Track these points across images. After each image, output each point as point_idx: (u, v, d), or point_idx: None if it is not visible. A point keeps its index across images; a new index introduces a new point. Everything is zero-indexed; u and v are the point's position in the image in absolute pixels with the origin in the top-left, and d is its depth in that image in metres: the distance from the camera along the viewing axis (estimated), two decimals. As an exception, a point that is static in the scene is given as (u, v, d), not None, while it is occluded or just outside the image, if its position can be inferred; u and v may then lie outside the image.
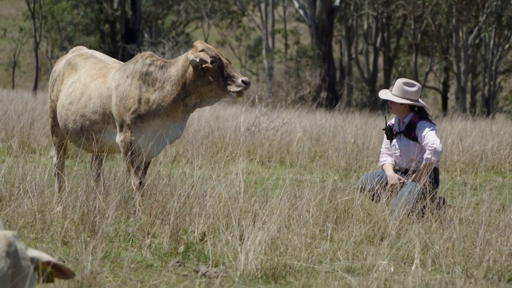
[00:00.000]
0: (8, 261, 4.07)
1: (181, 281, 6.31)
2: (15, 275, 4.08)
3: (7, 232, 4.15)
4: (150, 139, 8.31)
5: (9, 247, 4.09)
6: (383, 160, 9.12)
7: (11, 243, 4.11)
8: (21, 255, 4.12)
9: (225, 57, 8.33)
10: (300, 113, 20.77)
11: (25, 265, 4.13)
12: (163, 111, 8.25)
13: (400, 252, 6.88)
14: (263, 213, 7.20)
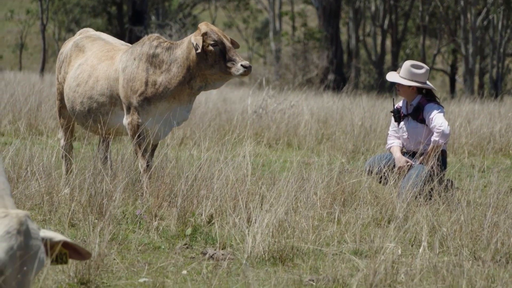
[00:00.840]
0: (19, 239, 4.09)
1: (189, 263, 6.32)
2: (25, 254, 4.10)
3: (19, 211, 4.17)
4: (157, 121, 8.31)
5: (20, 226, 4.12)
6: (391, 142, 9.11)
7: (23, 222, 4.13)
8: (32, 235, 4.15)
9: (230, 40, 8.30)
10: (308, 95, 20.74)
11: (36, 245, 4.15)
12: (169, 93, 8.24)
13: (408, 234, 6.88)
14: (270, 195, 7.20)
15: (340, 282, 5.91)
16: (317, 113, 16.25)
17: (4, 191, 4.29)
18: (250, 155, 8.32)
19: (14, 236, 4.10)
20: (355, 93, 21.66)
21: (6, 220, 4.10)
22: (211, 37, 8.15)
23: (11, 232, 4.10)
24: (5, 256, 4.06)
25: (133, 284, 5.77)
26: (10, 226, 4.10)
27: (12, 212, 4.14)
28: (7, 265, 4.05)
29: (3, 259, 4.05)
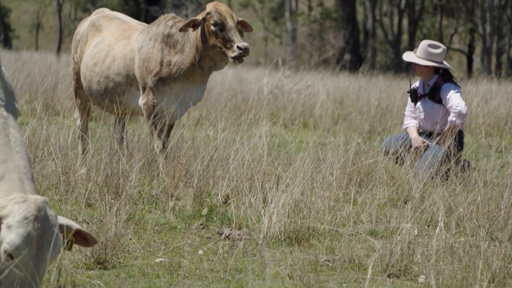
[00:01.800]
0: (36, 225, 4.11)
1: (205, 244, 6.33)
2: (42, 239, 4.12)
3: (37, 197, 4.19)
4: (172, 102, 8.31)
5: (38, 212, 4.13)
6: (407, 123, 9.07)
7: (41, 208, 4.14)
8: (49, 222, 4.16)
9: (240, 21, 8.25)
10: (324, 75, 20.68)
11: (52, 232, 4.17)
12: (182, 74, 8.24)
13: (424, 215, 6.86)
14: (286, 176, 7.19)
15: (356, 262, 5.91)
16: (333, 93, 16.21)
17: (25, 175, 4.31)
18: (266, 136, 8.31)
19: (31, 222, 4.12)
20: (371, 73, 21.59)
21: (24, 206, 4.12)
22: (212, 18, 8.14)
23: (29, 218, 4.12)
24: (21, 241, 4.09)
25: (149, 264, 5.79)
26: (27, 212, 4.12)
27: (30, 198, 4.16)
28: (22, 249, 4.07)
29: (19, 245, 4.07)
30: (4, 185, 4.24)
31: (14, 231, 4.08)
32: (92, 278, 5.38)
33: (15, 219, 4.09)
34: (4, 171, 4.27)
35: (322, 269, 5.82)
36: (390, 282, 5.54)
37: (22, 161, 4.32)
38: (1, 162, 4.28)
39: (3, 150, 4.31)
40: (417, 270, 5.69)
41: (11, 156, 4.30)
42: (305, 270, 5.76)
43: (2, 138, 4.33)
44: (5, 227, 4.10)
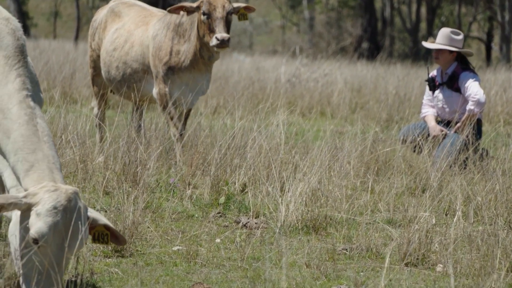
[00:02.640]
0: (64, 216, 4.15)
1: (222, 232, 6.34)
2: (69, 230, 4.15)
3: (69, 188, 4.22)
4: (183, 90, 8.35)
5: (68, 202, 4.16)
6: (425, 111, 9.04)
7: (71, 198, 4.17)
8: (78, 213, 4.19)
9: (228, 10, 8.20)
10: (341, 64, 20.63)
11: (80, 224, 4.19)
12: (189, 63, 8.29)
13: (442, 203, 6.84)
14: (303, 164, 7.18)
15: (374, 251, 5.90)
16: (351, 81, 16.17)
17: (54, 165, 4.34)
18: (284, 124, 8.30)
19: (60, 212, 4.15)
20: (389, 62, 21.51)
21: (55, 195, 4.15)
22: (202, 8, 8.17)
23: (58, 208, 4.14)
24: (48, 230, 4.12)
25: (167, 252, 5.80)
26: (57, 202, 4.15)
27: (62, 188, 4.19)
28: (50, 240, 4.11)
29: (46, 233, 4.11)
30: (34, 175, 4.28)
31: (42, 219, 4.12)
32: (110, 266, 5.40)
33: (45, 207, 4.13)
34: (33, 160, 4.30)
35: (339, 258, 5.82)
36: (407, 271, 5.53)
37: (50, 151, 4.36)
38: (30, 152, 4.32)
39: (31, 140, 4.35)
40: (435, 259, 5.67)
41: (39, 146, 4.34)
42: (322, 258, 5.76)
43: (30, 128, 4.37)
44: (34, 214, 4.15)
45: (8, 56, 4.48)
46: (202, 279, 5.24)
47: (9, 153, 4.34)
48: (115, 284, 5.07)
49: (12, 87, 4.43)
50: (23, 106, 4.40)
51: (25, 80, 4.47)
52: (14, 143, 4.34)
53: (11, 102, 4.40)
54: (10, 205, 4.13)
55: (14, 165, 4.32)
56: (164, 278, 5.25)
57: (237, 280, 5.22)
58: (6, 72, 4.45)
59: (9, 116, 4.38)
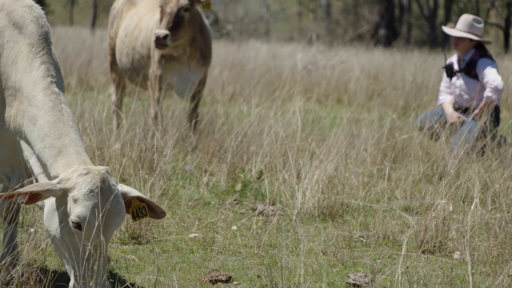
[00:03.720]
0: (102, 196, 4.18)
1: (238, 219, 6.34)
2: (107, 209, 4.19)
3: (100, 168, 4.25)
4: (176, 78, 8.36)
5: (102, 183, 4.21)
6: (442, 98, 8.99)
7: (105, 178, 4.21)
8: (113, 191, 4.23)
9: (177, 6, 8.16)
10: (358, 51, 20.55)
11: (117, 201, 4.24)
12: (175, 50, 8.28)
13: (459, 191, 6.81)
14: (320, 151, 7.17)
15: (391, 238, 5.89)
16: (368, 69, 16.10)
17: (81, 148, 4.38)
18: (300, 111, 8.29)
19: (97, 194, 4.19)
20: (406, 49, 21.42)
21: (89, 178, 4.19)
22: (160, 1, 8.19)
23: (94, 190, 4.19)
24: (89, 214, 4.17)
25: (183, 239, 5.81)
26: (93, 184, 4.19)
27: (93, 169, 4.23)
28: (91, 221, 4.16)
29: (87, 216, 4.15)
30: (63, 159, 4.31)
31: (82, 204, 4.16)
32: (127, 253, 5.41)
33: (81, 191, 4.17)
34: (61, 146, 4.33)
35: (356, 245, 5.81)
36: (424, 258, 5.51)
37: (76, 135, 4.39)
38: (57, 138, 4.34)
39: (57, 125, 4.37)
40: (452, 246, 5.65)
41: (66, 131, 4.37)
42: (339, 246, 5.75)
43: (55, 114, 4.40)
44: (72, 200, 4.20)
45: (32, 44, 4.51)
46: (218, 266, 5.25)
47: (35, 140, 4.37)
48: (132, 271, 5.08)
49: (37, 74, 4.46)
50: (47, 93, 4.43)
51: (49, 67, 4.49)
52: (40, 129, 4.37)
53: (36, 89, 4.43)
54: (47, 192, 4.18)
55: (40, 151, 4.35)
56: (180, 265, 5.26)
57: (254, 267, 5.22)
58: (30, 60, 4.48)
59: (34, 103, 4.41)
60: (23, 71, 4.47)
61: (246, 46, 22.62)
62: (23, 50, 4.50)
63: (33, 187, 4.20)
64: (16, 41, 4.52)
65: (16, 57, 4.49)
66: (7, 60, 4.49)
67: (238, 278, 5.02)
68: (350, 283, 4.96)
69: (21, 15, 4.56)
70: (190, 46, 8.34)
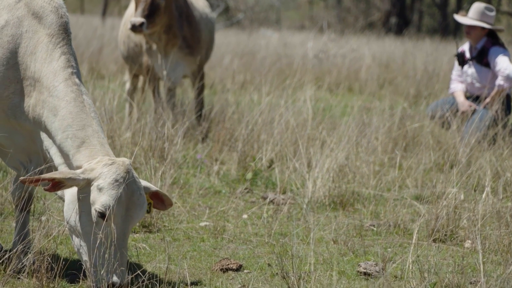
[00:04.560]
0: (125, 187, 4.21)
1: (249, 208, 6.34)
2: (130, 201, 4.23)
3: (124, 159, 4.29)
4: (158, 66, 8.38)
5: (127, 174, 4.25)
6: (454, 87, 8.97)
7: (129, 170, 4.25)
8: (136, 183, 4.28)
9: None
10: (369, 39, 20.50)
11: (140, 194, 4.27)
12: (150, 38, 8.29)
13: (471, 179, 6.79)
14: (331, 140, 7.16)
15: (401, 227, 5.88)
16: (379, 57, 16.06)
17: (104, 140, 4.40)
18: (311, 100, 8.27)
19: (121, 184, 4.24)
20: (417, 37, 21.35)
21: (114, 168, 4.22)
22: None
23: (119, 180, 4.23)
24: (113, 203, 4.20)
25: (194, 227, 5.81)
26: (117, 174, 4.22)
27: (118, 160, 4.26)
28: (116, 212, 4.18)
29: (112, 207, 4.16)
30: (86, 150, 4.33)
31: (106, 193, 4.20)
32: (138, 242, 5.42)
33: (106, 181, 4.20)
34: (83, 136, 4.35)
35: (366, 234, 5.80)
36: (435, 247, 5.51)
37: (98, 127, 4.41)
38: (80, 129, 4.36)
39: (80, 116, 4.39)
40: (463, 235, 5.64)
41: (88, 122, 4.38)
42: (350, 234, 5.75)
43: (77, 105, 4.41)
44: (96, 189, 4.22)
45: (52, 35, 4.52)
46: (229, 255, 5.25)
47: (56, 130, 4.38)
48: (143, 259, 5.09)
49: (57, 64, 4.47)
50: (69, 84, 4.44)
51: (69, 58, 4.51)
52: (62, 120, 4.38)
53: (57, 79, 4.44)
54: (69, 180, 4.20)
55: (62, 142, 4.36)
56: (191, 253, 5.26)
57: (264, 256, 5.22)
58: (50, 50, 4.49)
59: (55, 93, 4.42)
60: (43, 62, 4.48)
61: (257, 34, 22.59)
62: (42, 40, 4.51)
63: (56, 174, 4.23)
64: (35, 31, 4.53)
65: (35, 47, 4.50)
66: (25, 50, 4.50)
67: (249, 267, 5.03)
68: (360, 272, 4.95)
69: (41, 5, 4.56)
70: (165, 34, 8.33)
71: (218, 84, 12.58)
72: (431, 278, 4.55)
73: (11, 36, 4.51)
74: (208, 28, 8.82)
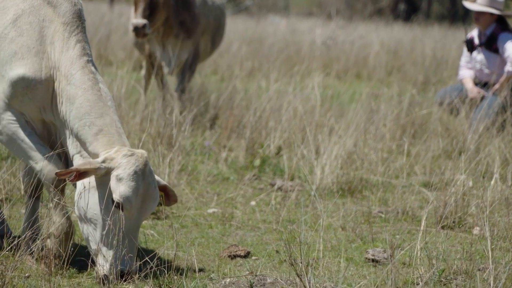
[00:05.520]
0: (144, 179, 4.25)
1: (257, 194, 6.34)
2: (146, 193, 4.24)
3: (143, 151, 4.32)
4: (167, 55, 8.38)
5: (145, 166, 4.28)
6: (463, 73, 8.94)
7: (147, 162, 4.28)
8: (152, 176, 4.31)
9: None
10: (378, 26, 20.44)
11: (154, 186, 4.30)
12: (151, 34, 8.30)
13: (479, 166, 6.78)
14: (339, 127, 7.15)
15: (410, 214, 5.87)
16: (387, 44, 16.01)
17: (121, 129, 4.42)
18: (319, 87, 8.25)
19: (140, 176, 4.27)
20: (426, 23, 21.28)
21: (133, 159, 4.25)
22: None
23: (138, 172, 4.26)
24: (132, 194, 4.24)
25: (202, 214, 5.82)
26: (137, 166, 4.25)
27: (137, 152, 4.30)
28: (134, 202, 4.21)
29: (130, 197, 4.22)
30: (103, 139, 4.34)
31: (126, 184, 4.23)
32: (146, 228, 5.43)
33: (126, 172, 4.23)
34: (101, 125, 4.36)
35: (375, 221, 5.80)
36: (444, 234, 5.50)
37: (115, 116, 4.43)
38: (98, 117, 4.37)
39: (98, 105, 4.40)
40: (471, 222, 5.63)
41: (106, 111, 4.40)
42: (358, 221, 5.75)
43: (95, 93, 4.43)
44: (115, 178, 4.24)
45: (66, 23, 4.53)
46: (237, 241, 5.26)
47: (73, 119, 4.39)
48: (151, 246, 5.10)
49: (73, 53, 4.48)
50: (85, 72, 4.45)
51: (84, 46, 4.52)
52: (79, 108, 4.38)
53: (74, 67, 4.46)
54: (96, 170, 4.22)
55: (79, 130, 4.37)
56: (199, 240, 5.27)
57: (272, 243, 5.23)
58: (66, 39, 4.50)
59: (72, 81, 4.43)
60: (60, 50, 4.50)
61: (265, 21, 22.54)
62: (58, 29, 4.52)
63: (86, 165, 4.25)
64: (51, 20, 4.54)
65: (53, 37, 4.52)
66: (45, 39, 4.52)
67: (257, 253, 5.03)
68: (368, 259, 4.95)
69: None
70: (163, 26, 8.35)
71: (226, 71, 12.57)
72: (439, 265, 4.54)
73: (29, 23, 4.52)
74: (214, 14, 8.79)
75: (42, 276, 4.30)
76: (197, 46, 8.61)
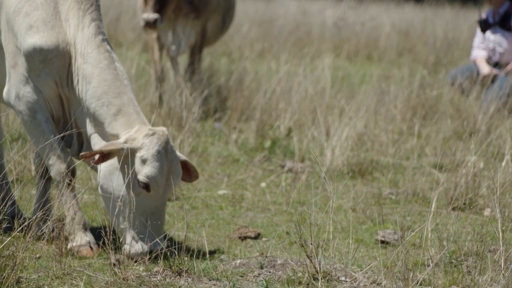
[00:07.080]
0: (168, 157, 4.28)
1: (267, 176, 6.34)
2: (170, 170, 4.26)
3: (163, 129, 4.32)
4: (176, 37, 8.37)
5: (167, 144, 4.29)
6: (476, 53, 8.89)
7: (169, 140, 4.29)
8: (174, 152, 4.32)
9: None
10: (389, 7, 20.34)
11: (177, 162, 4.30)
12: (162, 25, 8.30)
13: (490, 147, 6.75)
14: (349, 108, 7.13)
15: (420, 195, 5.86)
16: (398, 25, 15.94)
17: (138, 108, 4.41)
18: (329, 68, 8.23)
19: (164, 154, 4.28)
20: (437, 4, 21.16)
21: (155, 139, 4.25)
22: None
23: (161, 151, 4.27)
24: (157, 174, 4.26)
25: (212, 196, 5.82)
26: (159, 145, 4.26)
27: (158, 130, 4.30)
28: (159, 182, 4.22)
29: (156, 177, 4.23)
30: (122, 118, 4.33)
31: (151, 164, 4.24)
32: (156, 209, 5.43)
33: (150, 152, 4.24)
34: (120, 104, 4.35)
35: (385, 202, 5.79)
36: (454, 215, 5.49)
37: (132, 95, 4.42)
38: (115, 96, 4.35)
39: (115, 84, 4.38)
40: (482, 203, 5.62)
41: (123, 90, 4.38)
42: (368, 203, 5.74)
43: (111, 72, 4.40)
44: (139, 160, 4.26)
45: (80, 1, 4.49)
46: (247, 223, 5.26)
47: (90, 98, 4.37)
48: (161, 227, 5.10)
49: (88, 31, 4.46)
50: (101, 51, 4.43)
51: (99, 24, 4.49)
52: (96, 87, 4.36)
53: (90, 46, 4.43)
54: (120, 151, 4.23)
55: (97, 109, 4.35)
56: (209, 221, 5.27)
57: (282, 224, 5.23)
58: (80, 17, 4.47)
59: (89, 60, 4.40)
60: (76, 28, 4.47)
61: (275, 2, 22.47)
62: (73, 6, 4.48)
63: (110, 146, 4.25)
64: None
65: (68, 14, 4.49)
66: (60, 15, 4.48)
67: (267, 235, 5.03)
68: (379, 240, 4.95)
69: None
70: (172, 13, 8.33)
71: (236, 52, 12.54)
72: (450, 246, 4.53)
73: None
74: None
75: (52, 257, 4.31)
76: (205, 26, 8.58)
